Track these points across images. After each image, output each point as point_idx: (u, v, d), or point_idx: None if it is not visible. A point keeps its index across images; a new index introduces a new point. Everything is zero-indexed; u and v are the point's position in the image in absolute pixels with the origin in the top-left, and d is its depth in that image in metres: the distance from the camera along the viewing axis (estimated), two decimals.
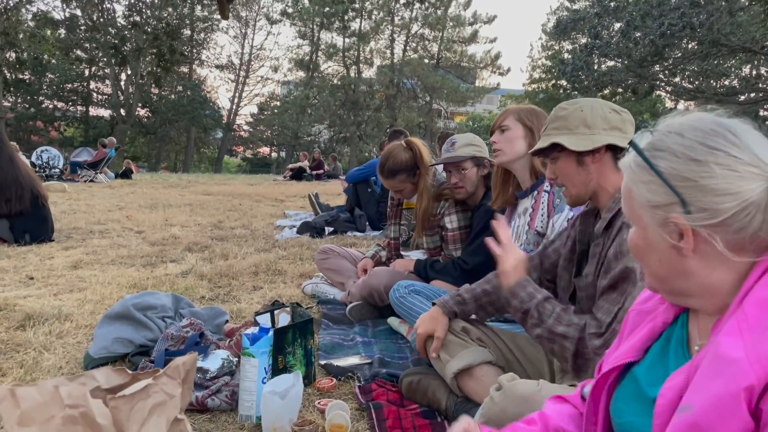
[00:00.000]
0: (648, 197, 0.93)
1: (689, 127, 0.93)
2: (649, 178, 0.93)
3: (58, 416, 1.07)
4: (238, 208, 9.00)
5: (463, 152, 3.00)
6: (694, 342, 0.98)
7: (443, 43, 40.21)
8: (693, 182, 0.88)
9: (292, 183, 16.74)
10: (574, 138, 1.72)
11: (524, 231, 2.43)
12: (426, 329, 2.03)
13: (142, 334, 2.43)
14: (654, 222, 0.94)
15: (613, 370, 1.06)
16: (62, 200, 8.99)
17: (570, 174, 1.75)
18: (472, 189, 3.04)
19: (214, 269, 4.18)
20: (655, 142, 0.94)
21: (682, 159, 0.90)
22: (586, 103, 1.77)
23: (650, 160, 0.92)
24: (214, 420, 1.94)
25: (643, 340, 1.04)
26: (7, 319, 2.87)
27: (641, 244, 0.98)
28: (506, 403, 1.50)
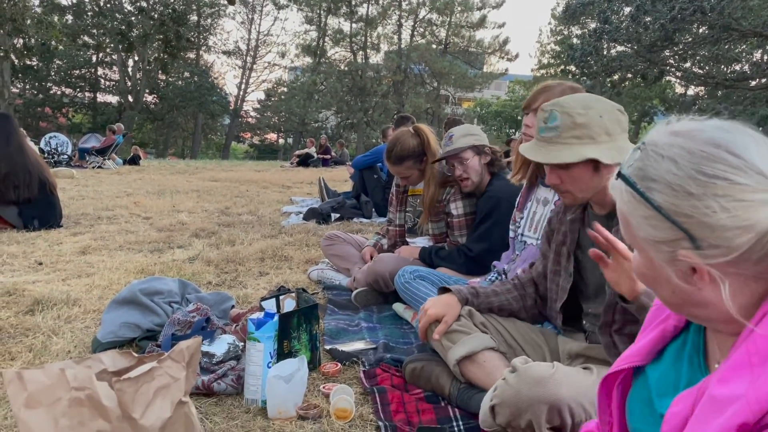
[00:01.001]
0: (650, 233, 0.83)
1: (682, 150, 0.81)
2: (648, 213, 0.82)
3: (65, 398, 1.09)
4: (245, 194, 9.03)
5: (461, 143, 2.99)
6: (713, 356, 0.91)
7: (451, 28, 39.96)
8: (696, 219, 0.78)
9: (299, 169, 16.75)
10: (603, 149, 1.66)
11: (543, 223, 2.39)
12: (437, 312, 2.02)
13: (149, 318, 2.45)
14: (661, 258, 0.84)
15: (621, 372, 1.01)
16: (70, 186, 9.04)
17: (584, 180, 1.71)
18: (477, 178, 3.03)
19: (220, 255, 4.20)
20: (647, 169, 0.83)
21: (679, 193, 0.79)
22: (600, 106, 1.70)
23: (645, 194, 0.82)
24: (220, 404, 1.96)
25: (653, 342, 0.98)
26: (16, 304, 2.90)
27: (649, 275, 0.88)
28: (521, 385, 1.50)
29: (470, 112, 44.11)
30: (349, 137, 39.73)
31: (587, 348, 1.86)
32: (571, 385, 1.49)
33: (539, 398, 1.47)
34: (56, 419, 1.08)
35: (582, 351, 1.88)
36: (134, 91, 36.60)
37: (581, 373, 1.59)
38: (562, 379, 1.50)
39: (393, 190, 3.59)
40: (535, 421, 1.49)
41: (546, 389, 1.47)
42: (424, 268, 2.93)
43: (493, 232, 2.85)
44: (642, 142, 0.87)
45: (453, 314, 2.01)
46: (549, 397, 1.46)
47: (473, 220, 3.11)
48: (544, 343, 1.99)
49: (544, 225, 2.38)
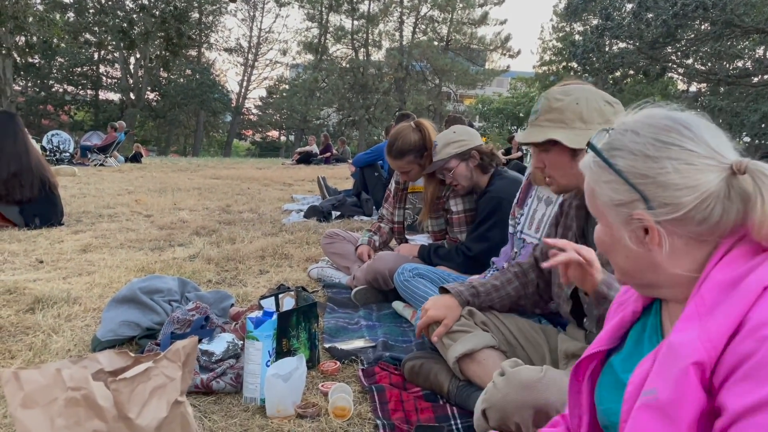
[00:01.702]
0: (611, 196, 0.95)
1: (643, 124, 0.94)
2: (610, 177, 0.94)
3: (61, 398, 1.09)
4: (247, 192, 9.03)
5: (443, 154, 2.99)
6: (667, 330, 1.00)
7: (453, 25, 39.89)
8: (651, 179, 0.90)
9: (301, 167, 16.75)
10: (570, 134, 1.71)
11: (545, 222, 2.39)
12: (437, 314, 2.01)
13: (148, 317, 2.46)
14: (618, 219, 0.95)
15: (586, 359, 1.08)
16: (72, 184, 9.06)
17: (562, 166, 1.77)
18: (468, 182, 3.03)
19: (221, 253, 4.21)
20: (612, 142, 0.96)
21: (639, 157, 0.92)
22: (581, 94, 1.75)
23: (609, 160, 0.94)
24: (219, 402, 1.96)
25: (614, 329, 1.07)
26: (16, 302, 2.91)
27: (607, 241, 1.00)
28: (509, 389, 1.51)
29: (472, 109, 44.05)
30: (351, 134, 39.72)
31: (583, 348, 1.85)
32: (560, 389, 1.49)
33: (526, 402, 1.47)
34: (52, 419, 1.08)
35: (578, 351, 1.87)
36: (136, 88, 36.61)
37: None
38: (550, 383, 1.49)
39: (392, 186, 3.59)
40: (523, 424, 1.49)
41: (533, 393, 1.47)
42: (424, 266, 2.93)
43: (493, 232, 2.85)
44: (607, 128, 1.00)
45: (453, 317, 2.00)
46: (536, 401, 1.46)
47: (472, 216, 3.11)
48: (545, 341, 1.99)
49: (546, 224, 2.38)
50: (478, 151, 3.00)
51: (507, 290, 2.05)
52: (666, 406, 0.81)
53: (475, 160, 3.00)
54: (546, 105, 1.78)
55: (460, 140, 2.99)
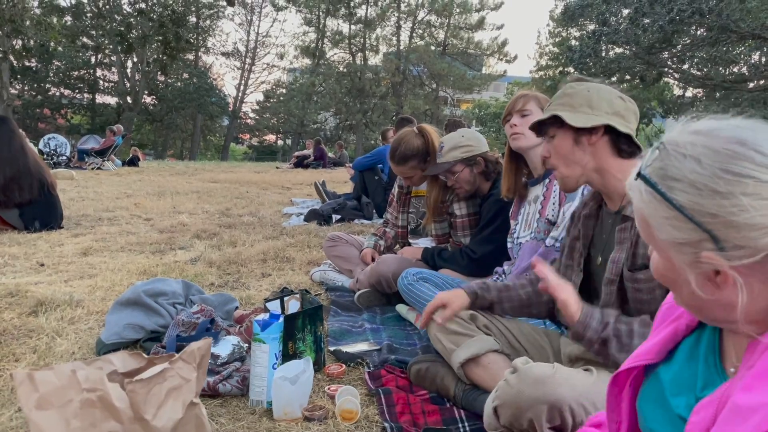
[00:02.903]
0: (672, 234, 0.81)
1: (706, 149, 0.79)
2: (669, 214, 0.80)
3: (76, 400, 1.09)
4: (246, 195, 9.02)
5: (449, 157, 2.98)
6: (728, 358, 0.89)
7: (450, 30, 40.00)
8: (722, 218, 0.76)
9: (298, 171, 16.74)
10: (574, 114, 1.72)
11: (535, 219, 2.42)
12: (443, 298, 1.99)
13: (153, 320, 2.45)
14: (683, 259, 0.82)
15: (632, 370, 1.00)
16: (70, 188, 9.03)
17: (565, 152, 1.74)
18: (470, 187, 3.04)
19: (222, 256, 4.20)
20: (668, 169, 0.81)
21: (704, 192, 0.77)
22: (593, 85, 1.77)
23: (667, 195, 0.80)
24: (226, 405, 1.96)
25: (665, 341, 0.97)
26: (19, 305, 2.90)
27: (670, 276, 0.86)
28: (522, 385, 1.51)
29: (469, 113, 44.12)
30: (348, 138, 39.73)
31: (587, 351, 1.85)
32: (572, 385, 1.50)
33: (540, 398, 1.47)
34: (68, 420, 1.08)
35: (582, 354, 1.87)
36: (133, 92, 36.57)
37: (582, 373, 1.59)
38: (562, 379, 1.50)
39: (395, 191, 3.59)
40: (536, 420, 1.49)
41: (546, 389, 1.47)
42: (428, 270, 2.93)
43: (498, 235, 2.85)
44: (660, 141, 0.85)
45: (459, 303, 1.97)
46: (549, 396, 1.46)
47: (476, 220, 3.12)
48: (548, 344, 1.99)
49: (536, 219, 2.40)
50: (484, 159, 3.00)
51: (518, 292, 2.03)
52: None
53: (480, 167, 3.00)
54: (560, 94, 1.80)
55: (468, 145, 2.98)
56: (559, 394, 1.46)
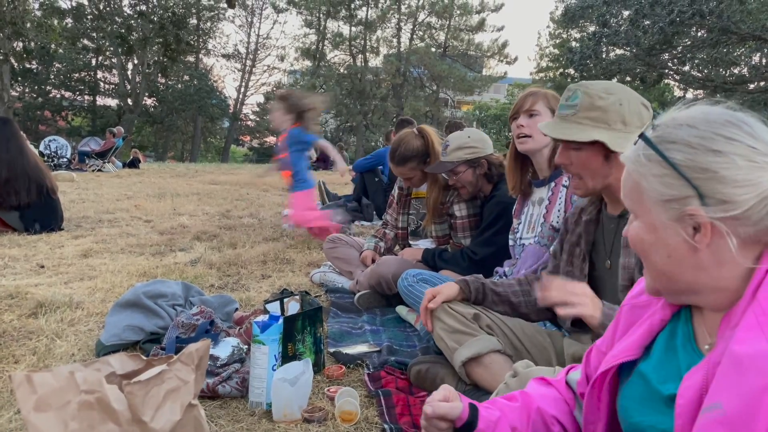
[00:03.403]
0: (661, 191, 0.90)
1: (700, 119, 0.91)
2: (662, 171, 0.90)
3: (74, 401, 1.08)
4: (246, 197, 9.02)
5: (453, 157, 2.98)
6: (702, 339, 0.96)
7: (450, 32, 40.03)
8: (712, 173, 0.86)
9: None
10: (613, 135, 1.67)
11: (539, 222, 2.40)
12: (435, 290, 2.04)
13: (152, 321, 2.45)
14: (667, 216, 0.90)
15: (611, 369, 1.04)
16: (71, 189, 9.03)
17: (594, 167, 1.72)
18: (472, 188, 3.04)
19: (222, 258, 4.20)
20: (665, 135, 0.92)
21: (699, 150, 0.87)
22: (623, 95, 1.72)
23: (664, 153, 0.90)
24: (225, 406, 1.96)
25: (643, 337, 1.03)
26: (19, 307, 2.90)
27: (648, 239, 0.94)
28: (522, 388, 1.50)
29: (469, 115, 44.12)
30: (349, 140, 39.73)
31: None
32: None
33: None
34: (66, 422, 1.07)
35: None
36: (134, 94, 36.59)
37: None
38: None
39: (395, 192, 3.59)
40: None
41: None
42: (427, 271, 2.93)
43: (499, 237, 2.85)
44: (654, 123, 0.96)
45: (448, 291, 2.01)
46: None
47: (476, 221, 3.12)
48: (551, 345, 1.99)
49: (539, 220, 2.39)
50: (488, 161, 2.99)
51: (507, 290, 2.05)
52: (737, 422, 0.76)
53: (483, 169, 3.00)
54: (587, 102, 1.73)
55: (473, 147, 2.98)
56: None
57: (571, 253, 1.91)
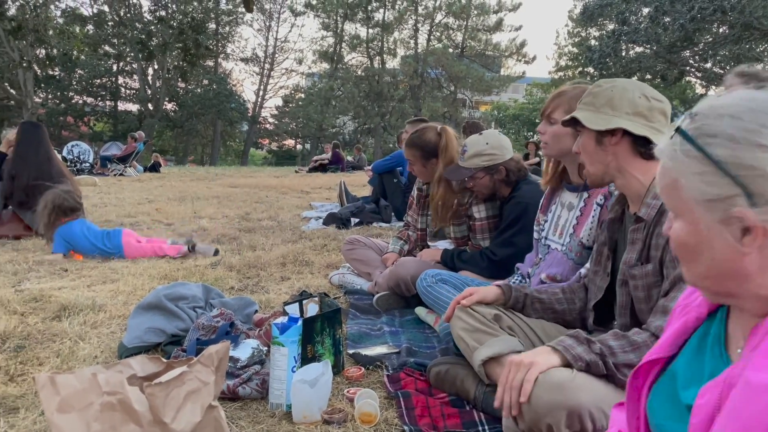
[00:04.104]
0: (703, 190, 0.81)
1: (744, 108, 0.80)
2: (703, 169, 0.81)
3: (97, 403, 1.10)
4: (265, 200, 9.08)
5: (471, 164, 2.96)
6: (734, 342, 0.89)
7: (467, 32, 39.91)
8: (759, 170, 0.76)
9: (317, 174, 16.79)
10: (593, 116, 1.73)
11: (567, 232, 2.36)
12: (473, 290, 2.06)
13: (173, 323, 2.47)
14: (711, 218, 0.81)
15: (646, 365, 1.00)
16: (93, 194, 9.16)
17: (589, 151, 1.77)
18: (488, 192, 3.02)
19: (242, 260, 4.23)
20: (704, 128, 0.82)
21: (744, 145, 0.78)
22: (620, 83, 1.77)
23: (705, 148, 0.80)
24: (245, 408, 1.97)
25: (676, 335, 0.97)
26: (43, 310, 2.94)
27: (691, 242, 0.85)
28: (540, 390, 1.49)
29: (487, 115, 43.96)
30: (367, 142, 39.79)
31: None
32: (592, 390, 1.48)
33: (558, 404, 1.46)
34: (89, 424, 1.09)
35: None
36: (154, 99, 37.03)
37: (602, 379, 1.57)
38: (582, 384, 1.48)
39: (414, 193, 3.59)
40: (555, 426, 1.47)
41: (565, 395, 1.46)
42: (446, 272, 2.92)
43: (519, 237, 2.83)
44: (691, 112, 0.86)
45: (486, 292, 2.03)
46: (568, 402, 1.45)
47: (496, 223, 3.10)
48: None
49: (569, 230, 2.35)
50: (506, 168, 2.96)
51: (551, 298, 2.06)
52: None
53: (501, 175, 2.97)
54: (587, 92, 1.81)
55: (491, 154, 2.93)
56: (578, 399, 1.44)
57: (599, 252, 1.91)
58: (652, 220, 1.65)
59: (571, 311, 2.05)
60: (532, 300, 2.05)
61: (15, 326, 2.66)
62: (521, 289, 2.07)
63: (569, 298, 2.06)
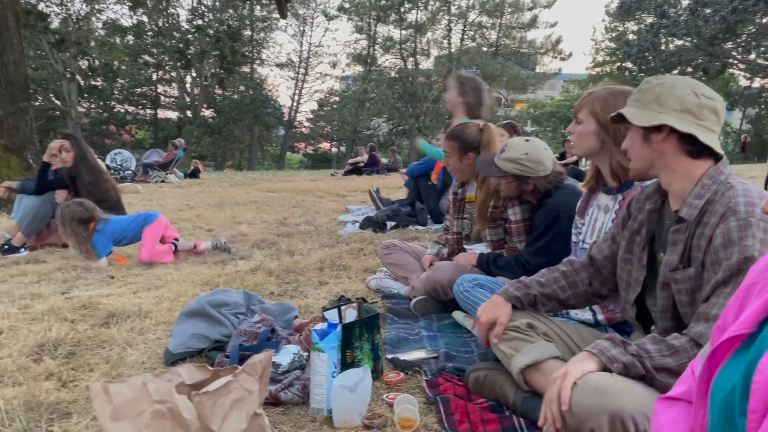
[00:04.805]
0: None
1: None
2: None
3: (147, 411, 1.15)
4: (302, 204, 9.18)
5: (502, 165, 2.92)
6: None
7: (501, 30, 39.60)
8: None
9: (353, 177, 16.88)
10: (640, 112, 1.70)
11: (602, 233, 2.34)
12: (488, 316, 2.03)
13: (216, 330, 2.54)
14: None
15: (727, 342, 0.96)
16: (136, 201, 9.40)
17: (635, 147, 1.76)
18: (514, 195, 3.01)
19: (281, 266, 4.30)
20: None
21: None
22: (669, 80, 1.74)
23: None
24: (287, 413, 2.01)
25: (760, 310, 0.93)
26: (92, 317, 3.05)
27: None
28: (581, 394, 1.49)
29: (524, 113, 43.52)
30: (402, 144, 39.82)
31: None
32: (633, 394, 1.46)
33: (599, 408, 1.45)
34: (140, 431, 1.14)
35: None
36: (192, 106, 37.78)
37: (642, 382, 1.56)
38: (622, 388, 1.47)
39: (450, 197, 3.60)
40: (598, 431, 1.47)
41: (606, 399, 1.45)
42: (484, 276, 2.92)
43: (552, 246, 2.81)
44: None
45: (504, 314, 2.01)
46: (609, 406, 1.44)
47: (531, 225, 3.08)
48: None
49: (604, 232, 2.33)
50: (535, 183, 2.93)
51: (553, 287, 2.05)
52: None
53: (529, 187, 2.95)
54: (637, 88, 1.79)
55: (525, 167, 2.88)
56: (619, 404, 1.43)
57: (631, 240, 1.87)
58: (694, 220, 1.63)
59: (575, 295, 2.05)
60: (541, 298, 2.05)
61: (66, 333, 2.77)
62: (527, 289, 2.06)
63: (571, 282, 2.05)
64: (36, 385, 2.19)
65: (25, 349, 2.56)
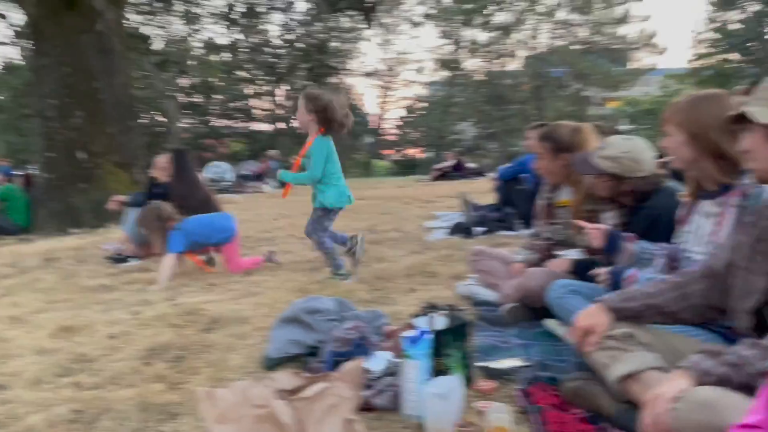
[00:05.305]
0: None
1: None
2: None
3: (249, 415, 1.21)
4: (390, 211, 9.26)
5: (599, 162, 2.80)
6: None
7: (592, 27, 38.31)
8: None
9: (440, 183, 16.81)
10: (763, 110, 1.59)
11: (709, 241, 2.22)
12: (584, 324, 1.96)
13: (311, 335, 2.63)
14: None
15: None
16: (234, 211, 9.79)
17: (757, 147, 1.65)
18: (606, 195, 2.89)
19: (371, 272, 4.36)
20: None
21: None
22: None
23: None
24: (380, 419, 2.04)
25: None
26: (196, 323, 3.23)
27: None
28: (686, 410, 1.43)
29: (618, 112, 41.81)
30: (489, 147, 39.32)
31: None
32: (740, 409, 1.38)
33: (709, 423, 1.38)
34: None
35: None
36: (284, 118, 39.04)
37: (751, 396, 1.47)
38: (730, 403, 1.40)
39: (540, 202, 3.53)
40: None
41: (715, 413, 1.38)
42: (578, 282, 2.83)
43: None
44: None
45: (602, 323, 1.93)
46: (719, 422, 1.37)
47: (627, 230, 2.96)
48: None
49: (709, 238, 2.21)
50: (633, 184, 2.82)
51: (662, 298, 1.93)
52: None
53: (626, 188, 2.83)
54: (761, 87, 1.68)
55: (625, 165, 2.76)
56: (727, 419, 1.36)
57: (753, 247, 1.76)
58: None
59: (688, 309, 1.91)
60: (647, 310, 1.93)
61: (173, 338, 2.95)
62: (632, 300, 1.94)
63: (683, 294, 1.92)
64: (147, 387, 2.34)
65: (137, 353, 2.75)
